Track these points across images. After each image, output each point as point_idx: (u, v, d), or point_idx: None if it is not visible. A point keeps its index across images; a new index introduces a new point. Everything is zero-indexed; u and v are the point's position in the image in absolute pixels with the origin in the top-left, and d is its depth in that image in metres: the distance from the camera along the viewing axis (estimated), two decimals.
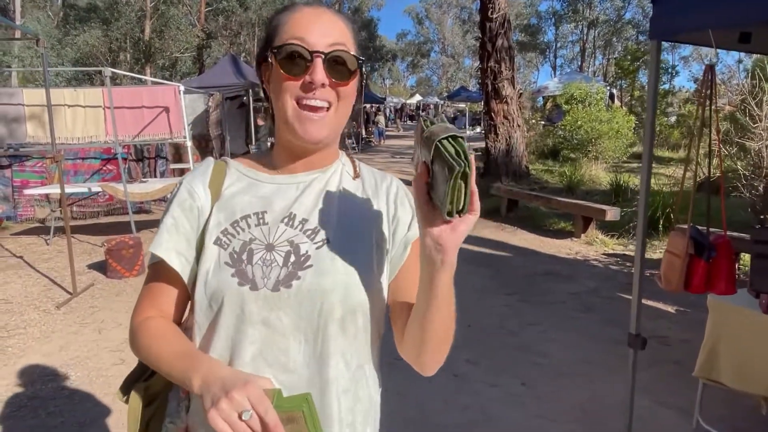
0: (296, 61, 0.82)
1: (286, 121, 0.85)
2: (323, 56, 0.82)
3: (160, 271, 0.89)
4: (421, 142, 0.72)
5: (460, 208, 0.67)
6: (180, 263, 0.87)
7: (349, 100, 0.88)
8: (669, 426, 2.74)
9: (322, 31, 0.83)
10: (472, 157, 0.64)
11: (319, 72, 0.82)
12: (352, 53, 0.85)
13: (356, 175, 0.96)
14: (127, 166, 7.71)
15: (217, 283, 0.83)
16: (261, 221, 0.87)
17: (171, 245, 0.87)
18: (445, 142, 0.66)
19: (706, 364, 2.56)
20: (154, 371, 0.94)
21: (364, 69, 0.90)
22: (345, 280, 0.84)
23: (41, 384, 3.16)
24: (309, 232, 0.87)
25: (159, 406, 0.95)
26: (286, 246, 0.85)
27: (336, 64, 0.84)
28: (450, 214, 0.67)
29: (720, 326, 2.53)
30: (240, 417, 0.65)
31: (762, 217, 5.90)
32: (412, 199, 0.95)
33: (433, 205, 0.71)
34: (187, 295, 0.91)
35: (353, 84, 0.88)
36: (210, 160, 0.95)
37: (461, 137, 0.66)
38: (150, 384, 0.94)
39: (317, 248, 0.85)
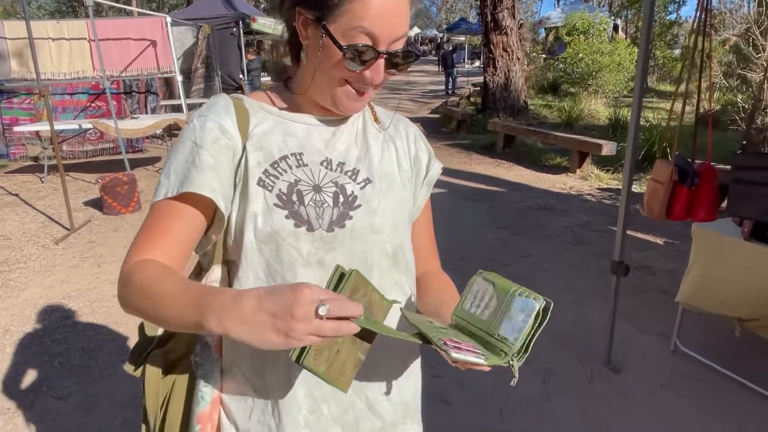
0: (360, 56, 0.78)
1: (331, 92, 0.83)
2: (387, 56, 0.79)
3: (178, 209, 0.79)
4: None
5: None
6: (226, 207, 0.81)
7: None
8: (649, 349, 2.87)
9: (393, 25, 0.78)
10: None
11: (381, 72, 0.80)
12: (410, 48, 0.82)
13: (376, 118, 0.97)
14: (121, 104, 7.56)
15: (271, 226, 0.80)
16: (301, 162, 0.85)
17: (216, 186, 0.79)
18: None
19: (688, 290, 2.64)
20: (168, 337, 0.89)
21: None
22: (392, 217, 0.88)
23: (45, 314, 3.27)
24: (349, 173, 0.88)
25: (182, 372, 0.87)
26: (332, 187, 0.85)
27: (395, 60, 0.81)
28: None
29: (702, 253, 2.59)
30: (317, 315, 0.60)
31: (743, 143, 5.87)
32: (424, 138, 1.02)
33: None
34: (197, 240, 0.84)
35: None
36: (225, 97, 0.88)
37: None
38: (169, 349, 0.88)
39: (361, 188, 0.87)
